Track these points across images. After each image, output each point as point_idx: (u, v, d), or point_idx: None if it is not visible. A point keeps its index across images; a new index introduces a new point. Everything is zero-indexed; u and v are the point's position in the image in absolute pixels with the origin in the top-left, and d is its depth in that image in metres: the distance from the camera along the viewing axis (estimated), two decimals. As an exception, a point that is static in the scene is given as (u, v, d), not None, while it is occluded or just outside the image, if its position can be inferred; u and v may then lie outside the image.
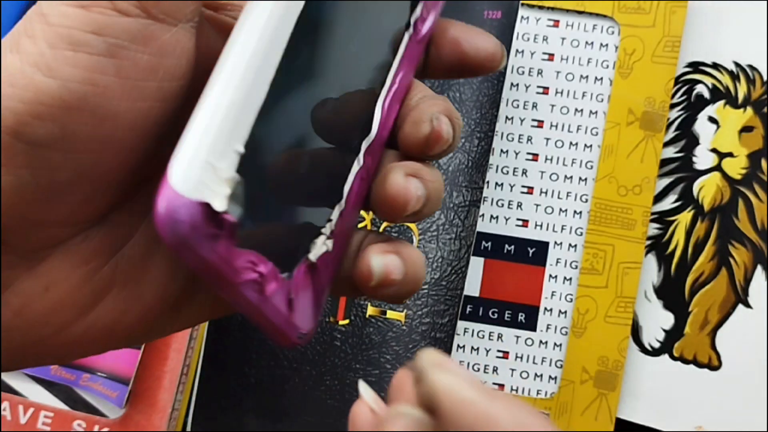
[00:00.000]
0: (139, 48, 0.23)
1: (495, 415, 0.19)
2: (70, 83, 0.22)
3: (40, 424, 0.47)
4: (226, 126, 0.22)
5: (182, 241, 0.21)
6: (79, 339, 0.24)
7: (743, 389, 0.47)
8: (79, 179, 0.23)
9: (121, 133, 0.23)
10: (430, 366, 0.21)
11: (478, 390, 0.20)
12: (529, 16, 0.49)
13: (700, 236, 0.48)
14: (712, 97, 0.49)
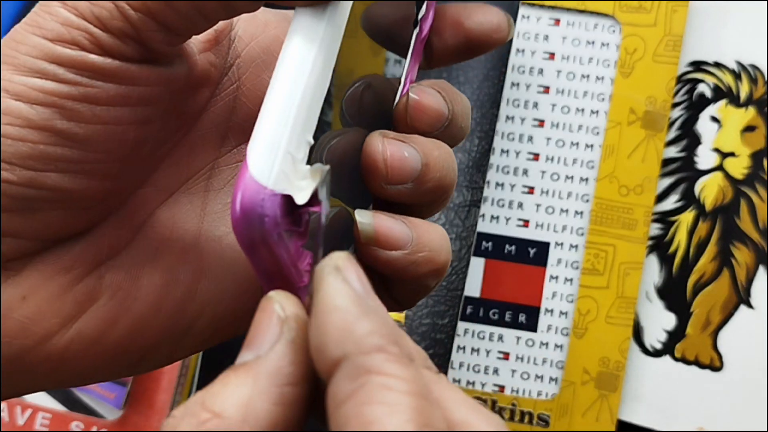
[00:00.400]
0: (106, 79, 0.23)
1: (356, 331, 0.18)
2: (36, 106, 0.22)
3: (38, 426, 0.47)
4: (302, 115, 0.22)
5: (261, 237, 0.20)
6: (64, 350, 0.24)
7: (745, 390, 0.47)
8: (52, 198, 0.23)
9: (94, 156, 0.23)
10: (328, 267, 0.19)
11: (354, 301, 0.19)
12: (530, 14, 0.49)
13: (701, 236, 0.48)
14: (714, 96, 0.49)
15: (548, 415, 0.47)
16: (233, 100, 0.27)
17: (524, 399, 0.47)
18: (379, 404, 0.17)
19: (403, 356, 0.18)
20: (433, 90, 0.27)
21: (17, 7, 0.49)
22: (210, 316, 0.26)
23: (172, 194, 0.27)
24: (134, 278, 0.25)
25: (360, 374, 0.18)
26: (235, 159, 0.28)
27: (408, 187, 0.26)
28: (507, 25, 0.28)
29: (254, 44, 0.27)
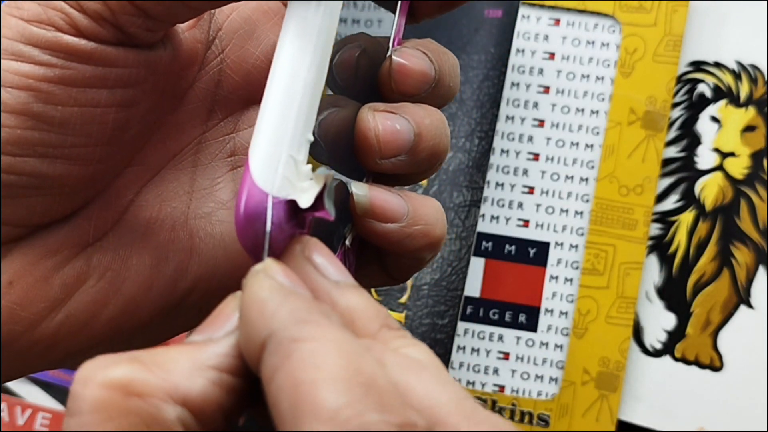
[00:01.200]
0: (81, 59, 0.23)
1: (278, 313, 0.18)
2: (12, 90, 0.22)
3: (38, 426, 0.47)
4: (302, 116, 0.21)
5: (262, 241, 0.20)
6: (54, 334, 0.24)
7: (745, 390, 0.47)
8: (33, 185, 0.23)
9: (73, 140, 0.23)
10: (253, 271, 0.19)
11: (276, 290, 0.18)
12: (530, 14, 0.49)
13: (701, 236, 0.48)
14: (714, 96, 0.49)
15: (548, 415, 0.47)
16: (218, 73, 0.27)
17: (524, 399, 0.47)
18: (308, 366, 0.17)
19: (329, 322, 0.18)
20: (417, 51, 0.26)
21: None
22: (202, 292, 0.26)
23: (159, 171, 0.26)
24: (123, 259, 0.25)
25: (285, 345, 0.17)
26: (222, 132, 0.27)
27: (402, 159, 0.25)
28: None
29: (235, 15, 0.27)
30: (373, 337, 0.20)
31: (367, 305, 0.20)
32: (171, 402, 0.18)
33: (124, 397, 0.17)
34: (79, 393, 0.17)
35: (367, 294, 0.21)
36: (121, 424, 0.17)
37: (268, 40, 0.27)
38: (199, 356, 0.19)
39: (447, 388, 0.18)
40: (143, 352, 0.18)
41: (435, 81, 0.26)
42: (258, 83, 0.27)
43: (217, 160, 0.27)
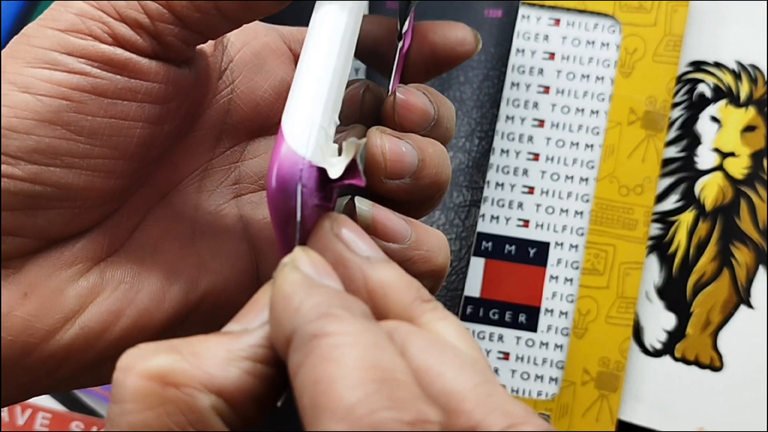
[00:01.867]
0: (115, 69, 0.23)
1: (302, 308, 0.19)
2: (44, 98, 0.23)
3: (38, 426, 0.47)
4: (333, 92, 0.22)
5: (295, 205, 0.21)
6: (68, 346, 0.24)
7: (745, 390, 0.47)
8: (56, 196, 0.23)
9: (100, 151, 0.24)
10: (281, 264, 0.20)
11: (300, 284, 0.19)
12: (530, 14, 0.49)
13: (701, 236, 0.48)
14: (714, 96, 0.49)
15: (548, 415, 0.47)
16: (228, 103, 0.28)
17: (524, 399, 0.47)
18: (327, 361, 0.17)
19: (350, 314, 0.18)
20: (419, 91, 0.27)
21: (17, 7, 0.49)
22: (209, 305, 0.27)
23: (166, 195, 0.27)
24: (135, 273, 0.25)
25: (307, 342, 0.18)
26: (228, 161, 0.28)
27: (406, 182, 0.26)
28: (473, 39, 0.29)
29: (246, 49, 0.28)
30: (406, 310, 0.21)
31: (399, 278, 0.21)
32: (206, 391, 0.19)
33: (162, 387, 0.18)
34: (121, 381, 0.19)
35: (398, 267, 0.21)
36: (159, 413, 0.18)
37: (275, 75, 0.28)
38: (234, 347, 0.20)
39: (465, 371, 0.18)
40: (181, 341, 0.19)
41: (434, 120, 0.27)
42: (265, 115, 0.28)
43: (222, 187, 0.28)
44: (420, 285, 0.22)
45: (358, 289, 0.21)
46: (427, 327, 0.21)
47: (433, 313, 0.21)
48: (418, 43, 0.29)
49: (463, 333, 0.21)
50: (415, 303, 0.21)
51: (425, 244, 0.26)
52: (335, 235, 0.21)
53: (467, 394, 0.18)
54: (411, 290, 0.21)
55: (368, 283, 0.21)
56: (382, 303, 0.21)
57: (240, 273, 0.27)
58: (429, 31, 0.29)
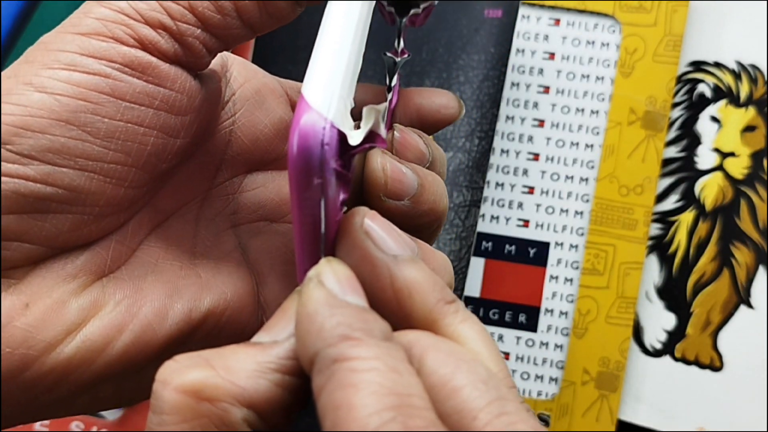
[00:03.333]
0: (135, 72, 0.24)
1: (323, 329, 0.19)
2: (62, 97, 0.23)
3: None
4: (351, 65, 0.23)
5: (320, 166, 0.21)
6: (68, 361, 0.24)
7: (745, 390, 0.47)
8: (66, 199, 0.23)
9: (113, 155, 0.24)
10: (307, 278, 0.21)
11: (324, 303, 0.20)
12: (530, 14, 0.49)
13: (701, 236, 0.48)
14: (714, 96, 0.49)
15: (548, 415, 0.47)
16: (229, 134, 0.28)
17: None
18: (346, 387, 0.18)
19: (369, 337, 0.19)
20: (414, 133, 0.28)
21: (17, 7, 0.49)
22: (211, 326, 0.27)
23: (167, 218, 0.27)
24: (138, 289, 0.25)
25: (328, 365, 0.19)
26: (226, 191, 0.29)
27: (405, 204, 0.26)
28: (456, 105, 0.30)
29: (247, 85, 0.28)
30: (430, 311, 0.21)
31: (424, 279, 0.22)
32: (238, 405, 0.20)
33: (196, 402, 0.20)
34: (159, 393, 0.20)
35: (424, 267, 0.22)
36: (194, 426, 0.20)
37: (275, 113, 0.29)
38: (264, 359, 0.21)
39: (478, 388, 0.19)
40: (214, 353, 0.21)
41: (429, 161, 0.28)
42: (264, 150, 0.29)
43: (220, 216, 0.28)
44: (444, 285, 0.22)
45: (385, 288, 0.22)
46: (450, 329, 0.21)
47: (455, 315, 0.22)
48: (404, 105, 0.30)
49: (483, 335, 0.22)
50: (439, 304, 0.22)
51: (430, 264, 0.26)
52: (365, 233, 0.22)
53: (479, 412, 0.19)
54: (435, 291, 0.22)
55: (395, 282, 0.22)
56: (408, 303, 0.22)
57: (241, 294, 0.27)
58: (415, 94, 0.30)
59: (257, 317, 0.28)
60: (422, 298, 0.22)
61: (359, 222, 0.22)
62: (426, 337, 0.21)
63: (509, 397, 0.20)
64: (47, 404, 0.24)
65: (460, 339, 0.21)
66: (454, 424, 0.19)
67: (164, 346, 0.25)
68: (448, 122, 0.30)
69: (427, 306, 0.22)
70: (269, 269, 0.28)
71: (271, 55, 0.47)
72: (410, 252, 0.22)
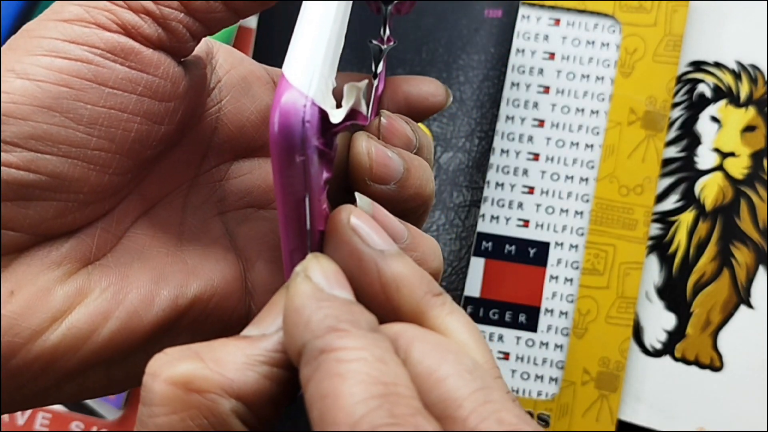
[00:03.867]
0: (118, 58, 0.24)
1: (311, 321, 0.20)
2: (44, 84, 0.23)
3: (38, 426, 0.47)
4: (333, 43, 0.23)
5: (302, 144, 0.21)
6: (54, 348, 0.24)
7: (745, 390, 0.47)
8: (50, 186, 0.23)
9: (97, 142, 0.24)
10: (294, 273, 0.21)
11: (311, 297, 0.20)
12: (530, 14, 0.49)
13: (702, 236, 0.48)
14: (714, 96, 0.49)
15: (548, 415, 0.47)
16: (215, 121, 0.28)
17: (524, 399, 0.47)
18: (333, 377, 0.19)
19: (356, 329, 0.20)
20: (400, 118, 0.28)
21: (17, 7, 0.49)
22: (197, 312, 0.26)
23: (153, 206, 0.27)
24: (123, 276, 0.25)
25: (315, 356, 0.19)
26: (212, 178, 0.29)
27: (391, 188, 0.26)
28: (443, 93, 0.31)
29: (233, 72, 0.28)
30: (418, 303, 0.22)
31: (411, 273, 0.22)
32: (226, 396, 0.20)
33: (185, 393, 0.20)
34: (150, 385, 0.20)
35: (411, 261, 0.22)
36: (183, 417, 0.20)
37: (261, 100, 0.29)
38: (253, 352, 0.21)
39: (464, 377, 0.20)
40: (204, 346, 0.21)
41: (416, 147, 0.28)
42: (250, 137, 0.29)
43: (207, 203, 0.28)
44: (431, 278, 0.23)
45: (372, 282, 0.22)
46: (437, 321, 0.22)
47: (442, 308, 0.22)
48: (392, 93, 0.30)
49: (470, 327, 0.22)
50: (426, 297, 0.22)
51: (420, 247, 0.26)
52: (351, 229, 0.22)
53: (464, 401, 0.19)
54: (423, 284, 0.22)
55: (382, 276, 0.22)
56: (395, 296, 0.22)
57: (228, 280, 0.27)
58: (402, 82, 0.30)
59: (244, 303, 0.27)
60: (409, 291, 0.22)
61: (346, 219, 0.23)
62: (412, 328, 0.21)
63: (494, 386, 0.20)
64: (35, 392, 0.24)
65: (447, 331, 0.22)
66: (439, 413, 0.19)
67: (151, 332, 0.25)
68: (435, 110, 0.31)
69: (415, 299, 0.22)
70: (256, 255, 0.28)
71: (271, 54, 0.47)
72: (396, 247, 0.23)
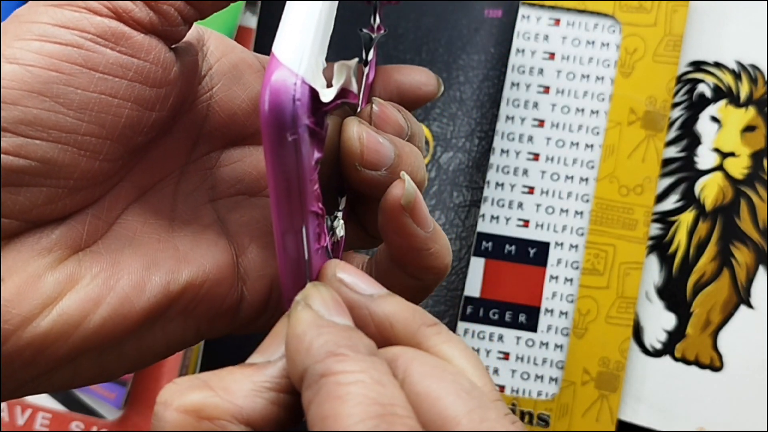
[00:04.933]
0: (108, 43, 0.24)
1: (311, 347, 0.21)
2: (33, 68, 0.23)
3: (38, 426, 0.47)
4: (322, 22, 0.23)
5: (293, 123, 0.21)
6: (45, 334, 0.24)
7: (745, 390, 0.47)
8: (40, 172, 0.23)
9: (87, 127, 0.24)
10: (294, 303, 0.22)
11: (311, 324, 0.21)
12: (530, 14, 0.49)
13: (701, 236, 0.48)
14: (714, 96, 0.49)
15: (548, 415, 0.47)
16: (206, 108, 0.28)
17: (524, 399, 0.47)
18: (334, 399, 0.19)
19: (355, 353, 0.20)
20: (392, 106, 0.28)
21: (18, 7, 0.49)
22: (190, 298, 0.26)
23: (144, 193, 0.27)
24: (114, 262, 0.25)
25: (316, 380, 0.20)
26: (203, 166, 0.29)
27: (382, 174, 0.26)
28: (435, 83, 0.31)
29: (224, 59, 0.28)
30: (413, 336, 0.23)
31: (402, 309, 0.23)
32: (236, 423, 0.21)
33: (197, 421, 0.21)
34: (161, 414, 0.21)
35: (399, 298, 0.23)
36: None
37: (252, 88, 0.29)
38: (259, 379, 0.22)
39: (461, 397, 0.20)
40: (212, 375, 0.22)
41: (408, 135, 0.28)
42: (241, 125, 0.29)
43: (198, 191, 0.28)
44: (423, 312, 0.23)
45: (367, 325, 0.23)
46: (434, 350, 0.23)
47: (438, 337, 0.23)
48: (383, 82, 0.30)
49: (468, 353, 0.23)
50: (421, 329, 0.23)
51: (440, 240, 0.27)
52: (338, 281, 0.23)
53: (461, 419, 0.20)
54: (416, 318, 0.23)
55: (374, 317, 0.23)
56: (390, 333, 0.23)
57: (220, 266, 0.27)
58: (394, 71, 0.31)
59: (237, 289, 0.27)
60: (403, 326, 0.23)
61: (332, 273, 0.24)
62: (411, 350, 0.22)
63: (492, 407, 0.21)
64: (27, 380, 0.24)
65: (445, 357, 0.22)
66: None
67: (143, 318, 0.25)
68: (427, 99, 0.31)
69: (410, 332, 0.23)
70: (248, 241, 0.28)
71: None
72: (384, 290, 0.23)
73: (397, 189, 0.25)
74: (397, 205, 0.25)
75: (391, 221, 0.26)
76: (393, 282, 0.27)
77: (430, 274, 0.27)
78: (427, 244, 0.26)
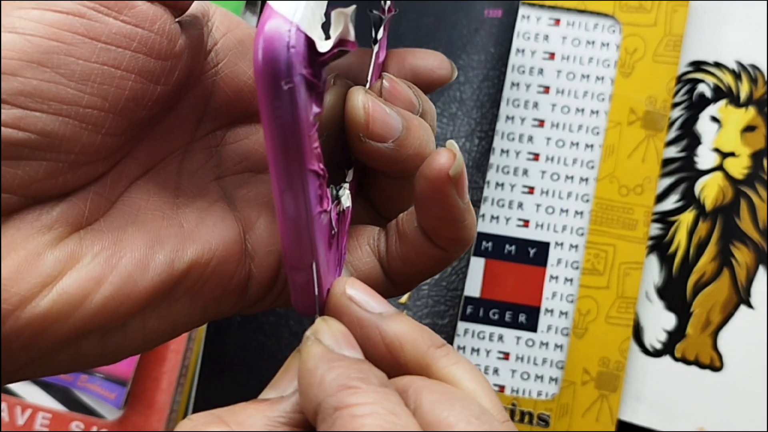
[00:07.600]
0: (111, 11, 0.23)
1: (323, 382, 0.21)
2: (33, 38, 0.22)
3: (38, 426, 0.47)
4: None
5: (288, 71, 0.20)
6: (45, 314, 0.23)
7: (745, 390, 0.47)
8: (40, 145, 0.23)
9: (89, 100, 0.23)
10: (304, 338, 0.22)
11: (322, 359, 0.21)
12: (530, 14, 0.49)
13: (702, 236, 0.48)
14: (714, 96, 0.49)
15: (548, 415, 0.47)
16: (211, 85, 0.27)
17: (524, 399, 0.47)
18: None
19: (367, 385, 0.21)
20: (403, 82, 0.28)
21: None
22: (195, 277, 0.26)
23: (148, 171, 0.26)
24: (117, 240, 0.24)
25: (331, 414, 0.20)
26: (208, 144, 0.28)
27: (389, 146, 0.25)
28: (449, 66, 0.30)
29: (230, 35, 0.27)
30: (423, 357, 0.23)
31: (411, 329, 0.23)
32: None
33: None
34: None
35: (409, 318, 0.24)
36: None
37: None
38: (273, 414, 0.22)
39: (472, 424, 0.21)
40: (226, 411, 0.22)
41: (419, 112, 0.27)
42: (247, 102, 0.28)
43: (203, 169, 0.28)
44: (431, 332, 0.24)
45: (377, 344, 0.23)
46: (443, 372, 0.23)
47: (447, 359, 0.23)
48: (398, 65, 0.30)
49: (476, 374, 0.23)
50: (430, 351, 0.23)
51: (472, 212, 0.27)
52: (348, 298, 0.24)
53: None
54: (425, 338, 0.23)
55: (384, 337, 0.23)
56: (400, 354, 0.23)
57: (227, 243, 0.26)
58: (408, 54, 0.30)
59: (244, 266, 0.27)
60: (413, 346, 0.23)
61: (341, 290, 0.24)
62: (420, 379, 0.22)
63: (502, 429, 0.21)
64: (26, 361, 0.24)
65: (454, 380, 0.23)
66: None
67: (147, 298, 0.25)
68: (441, 83, 0.30)
69: (419, 353, 0.23)
70: (256, 216, 0.27)
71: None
72: (393, 309, 0.24)
73: (444, 158, 0.24)
74: (444, 175, 0.24)
75: (435, 191, 0.25)
76: (418, 251, 0.27)
77: (458, 245, 0.27)
78: (463, 215, 0.26)
